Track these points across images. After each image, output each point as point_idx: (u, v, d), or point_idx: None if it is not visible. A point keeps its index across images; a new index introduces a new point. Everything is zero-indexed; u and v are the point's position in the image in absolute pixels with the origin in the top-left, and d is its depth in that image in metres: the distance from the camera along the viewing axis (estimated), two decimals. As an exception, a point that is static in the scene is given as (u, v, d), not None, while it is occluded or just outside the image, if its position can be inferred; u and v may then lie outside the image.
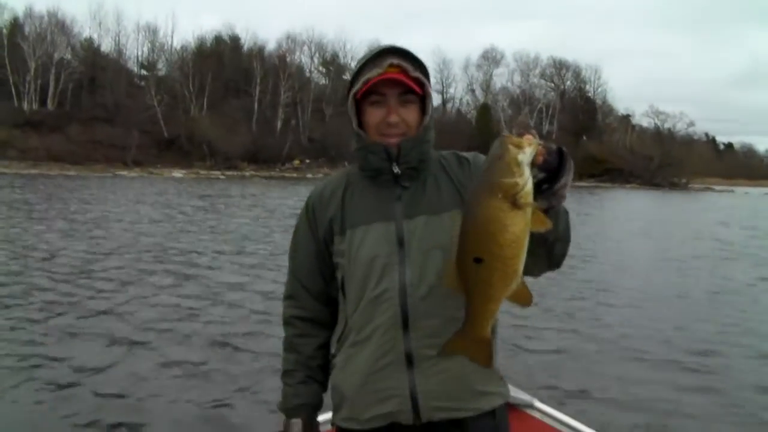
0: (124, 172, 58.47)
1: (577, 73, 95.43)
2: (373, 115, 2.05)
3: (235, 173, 62.39)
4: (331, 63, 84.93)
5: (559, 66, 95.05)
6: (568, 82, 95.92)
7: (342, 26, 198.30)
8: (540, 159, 1.66)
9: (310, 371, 2.26)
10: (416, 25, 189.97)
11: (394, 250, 2.04)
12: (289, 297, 2.30)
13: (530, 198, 1.64)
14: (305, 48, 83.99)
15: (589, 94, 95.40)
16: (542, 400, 3.66)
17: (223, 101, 70.55)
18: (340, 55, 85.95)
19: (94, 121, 65.90)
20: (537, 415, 3.60)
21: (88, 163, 60.63)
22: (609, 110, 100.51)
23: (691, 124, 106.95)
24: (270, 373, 6.63)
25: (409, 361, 2.03)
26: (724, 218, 36.16)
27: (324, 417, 2.34)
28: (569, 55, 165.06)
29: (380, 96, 2.03)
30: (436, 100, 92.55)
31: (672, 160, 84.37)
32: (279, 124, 73.09)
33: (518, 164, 1.60)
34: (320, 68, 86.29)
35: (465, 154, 2.23)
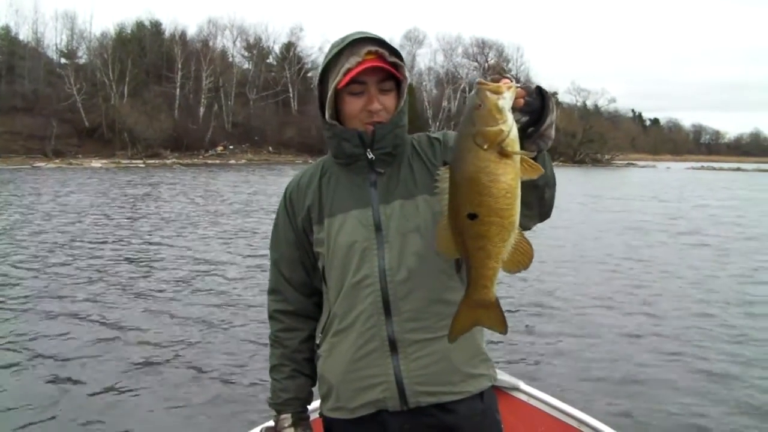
0: (43, 164, 57.51)
1: (499, 52, 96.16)
2: (354, 104, 2.05)
3: (157, 161, 61.82)
4: (254, 47, 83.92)
5: (482, 45, 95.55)
6: (492, 61, 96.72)
7: (263, 10, 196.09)
8: (521, 102, 1.63)
9: (296, 365, 2.26)
10: (338, 6, 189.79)
11: (371, 236, 2.05)
12: (272, 291, 2.30)
13: (517, 145, 1.59)
14: (227, 32, 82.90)
15: (512, 73, 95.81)
16: (528, 383, 3.68)
17: (144, 88, 69.59)
18: (263, 38, 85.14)
19: (13, 111, 64.39)
20: (523, 397, 3.60)
21: (6, 154, 59.45)
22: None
23: (613, 100, 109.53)
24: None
25: (393, 346, 2.03)
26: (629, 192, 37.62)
27: (311, 406, 2.34)
28: (492, 35, 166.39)
29: (361, 85, 2.02)
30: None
31: (594, 136, 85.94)
32: (202, 110, 72.15)
33: (500, 110, 1.55)
34: (243, 52, 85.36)
35: (435, 134, 2.22)
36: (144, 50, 74.46)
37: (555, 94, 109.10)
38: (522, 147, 1.62)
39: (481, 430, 2.13)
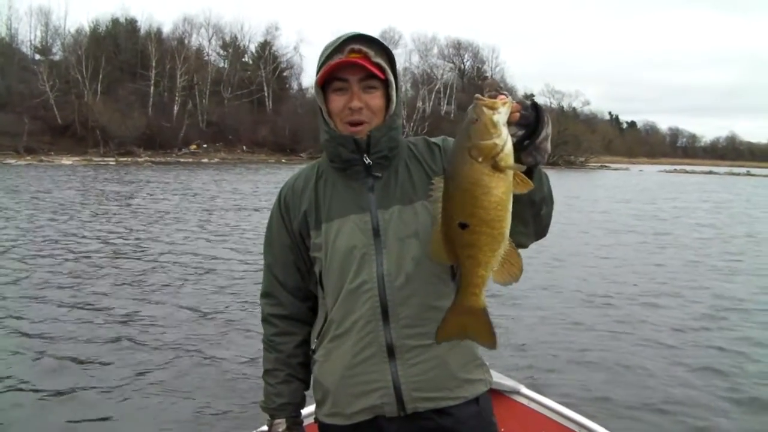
0: (13, 161, 57.20)
1: (475, 53, 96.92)
2: (336, 101, 2.06)
3: (129, 159, 61.63)
4: (230, 45, 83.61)
5: (458, 46, 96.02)
6: (468, 62, 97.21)
7: (239, 8, 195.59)
8: (516, 116, 1.66)
9: (291, 369, 2.25)
10: (314, 6, 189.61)
11: (370, 241, 2.05)
12: (266, 294, 2.28)
13: (511, 159, 1.63)
14: (202, 31, 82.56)
15: (487, 74, 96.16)
16: (528, 386, 3.70)
17: (118, 86, 69.26)
18: (239, 37, 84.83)
19: (-15, 108, 64.08)
20: (523, 401, 3.61)
21: (-22, 152, 59.03)
22: (512, 90, 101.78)
23: (587, 102, 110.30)
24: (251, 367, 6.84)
25: (391, 352, 2.04)
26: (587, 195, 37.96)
27: (305, 411, 2.34)
28: (468, 36, 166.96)
29: (343, 82, 2.03)
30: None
31: (568, 138, 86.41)
32: (176, 109, 71.81)
33: (494, 125, 1.59)
34: (219, 51, 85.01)
35: (434, 139, 2.22)
36: (119, 48, 74.10)
37: (531, 95, 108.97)
38: (518, 160, 1.67)
39: None
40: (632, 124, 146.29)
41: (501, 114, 1.60)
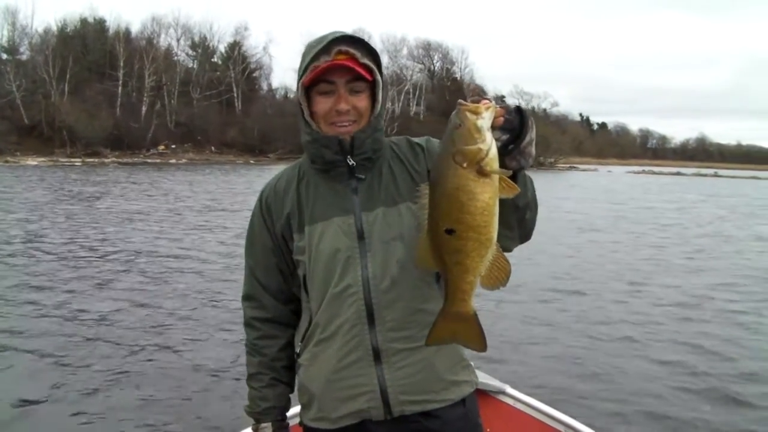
0: (-25, 161, 56.66)
1: (444, 54, 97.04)
2: (323, 103, 2.02)
3: (96, 160, 61.27)
4: (199, 46, 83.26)
5: (427, 47, 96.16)
6: (438, 63, 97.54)
7: (208, 8, 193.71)
8: (500, 120, 1.65)
9: (275, 373, 2.23)
10: (283, 6, 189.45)
11: (354, 244, 2.03)
12: (248, 297, 2.26)
13: (496, 164, 1.63)
14: (171, 30, 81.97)
15: (456, 75, 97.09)
16: (514, 387, 3.69)
17: (85, 86, 68.85)
18: (208, 37, 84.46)
19: (-48, 108, 63.44)
20: (509, 401, 3.61)
21: (-57, 153, 58.40)
22: (480, 91, 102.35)
23: (555, 104, 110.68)
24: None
25: (377, 355, 2.02)
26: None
27: (290, 412, 2.32)
28: (437, 37, 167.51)
29: (329, 84, 2.00)
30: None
31: (537, 139, 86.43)
32: (144, 109, 71.31)
33: (478, 130, 1.59)
34: (188, 51, 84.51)
35: (417, 139, 2.20)
36: (87, 47, 73.58)
37: (502, 97, 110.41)
38: (503, 164, 1.67)
39: None
40: (603, 126, 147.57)
41: (485, 119, 1.60)
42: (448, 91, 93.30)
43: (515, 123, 1.69)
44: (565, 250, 16.30)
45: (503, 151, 1.69)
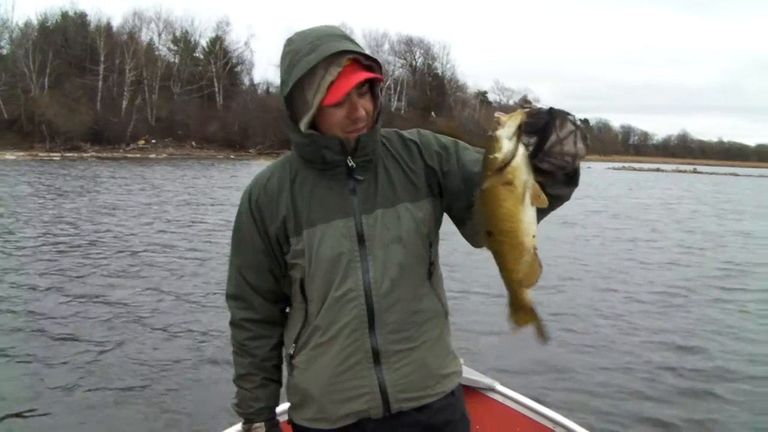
0: (-50, 156, 56.31)
1: (426, 50, 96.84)
2: (336, 115, 1.95)
3: (75, 155, 61.01)
4: (181, 40, 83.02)
5: (409, 42, 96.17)
6: (420, 59, 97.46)
7: (190, 2, 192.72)
8: (523, 126, 1.66)
9: (266, 373, 2.22)
10: (266, 2, 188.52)
11: (354, 248, 2.01)
12: (236, 297, 2.21)
13: (519, 172, 1.65)
14: (152, 25, 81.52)
15: (438, 71, 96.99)
16: (503, 383, 3.69)
17: (66, 80, 68.57)
18: (189, 32, 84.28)
19: (-70, 103, 63.01)
20: (498, 398, 3.61)
21: None
22: (463, 87, 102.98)
23: (536, 99, 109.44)
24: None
25: (376, 357, 2.03)
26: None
27: (278, 409, 2.31)
28: (419, 32, 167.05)
29: (344, 96, 1.93)
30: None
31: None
32: (125, 104, 71.10)
33: (497, 140, 1.63)
34: (169, 46, 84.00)
35: (408, 134, 2.18)
36: (68, 42, 73.24)
37: (485, 93, 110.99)
38: (535, 168, 1.68)
39: (452, 424, 2.20)
40: (585, 122, 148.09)
41: (504, 128, 1.64)
42: (429, 86, 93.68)
43: (539, 125, 1.65)
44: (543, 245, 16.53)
45: (533, 155, 1.67)
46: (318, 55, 1.87)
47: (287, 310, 2.24)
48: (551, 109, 1.66)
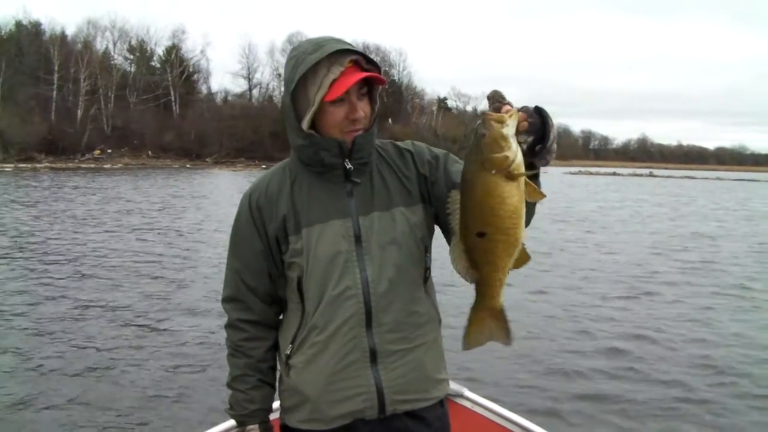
0: None
1: (383, 56, 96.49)
2: (336, 114, 2.01)
3: (28, 165, 60.38)
4: (136, 49, 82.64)
5: (366, 49, 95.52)
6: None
7: (145, 11, 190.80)
8: (525, 125, 1.72)
9: (261, 375, 2.21)
10: (219, 9, 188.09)
11: (352, 247, 2.04)
12: (233, 299, 2.22)
13: (522, 168, 1.69)
14: (107, 34, 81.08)
15: (395, 78, 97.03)
16: (472, 390, 3.68)
17: (19, 90, 67.96)
18: (145, 40, 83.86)
19: None
20: (467, 404, 3.60)
21: None
22: (421, 93, 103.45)
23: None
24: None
25: (373, 357, 2.05)
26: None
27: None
28: (375, 39, 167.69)
29: (344, 94, 1.98)
30: (242, 86, 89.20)
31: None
32: (80, 113, 70.44)
33: (504, 138, 1.66)
34: (125, 54, 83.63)
35: (403, 144, 2.23)
36: (21, 51, 72.55)
37: (444, 99, 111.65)
38: (530, 165, 1.76)
39: None
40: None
41: (509, 126, 1.68)
42: (386, 93, 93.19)
43: (538, 124, 1.75)
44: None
45: (530, 153, 1.77)
46: (322, 53, 1.95)
47: (281, 316, 2.27)
48: (539, 108, 1.78)
